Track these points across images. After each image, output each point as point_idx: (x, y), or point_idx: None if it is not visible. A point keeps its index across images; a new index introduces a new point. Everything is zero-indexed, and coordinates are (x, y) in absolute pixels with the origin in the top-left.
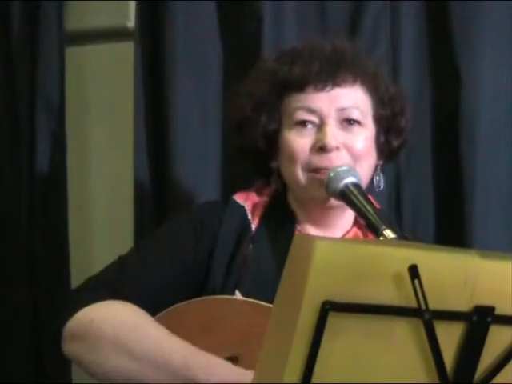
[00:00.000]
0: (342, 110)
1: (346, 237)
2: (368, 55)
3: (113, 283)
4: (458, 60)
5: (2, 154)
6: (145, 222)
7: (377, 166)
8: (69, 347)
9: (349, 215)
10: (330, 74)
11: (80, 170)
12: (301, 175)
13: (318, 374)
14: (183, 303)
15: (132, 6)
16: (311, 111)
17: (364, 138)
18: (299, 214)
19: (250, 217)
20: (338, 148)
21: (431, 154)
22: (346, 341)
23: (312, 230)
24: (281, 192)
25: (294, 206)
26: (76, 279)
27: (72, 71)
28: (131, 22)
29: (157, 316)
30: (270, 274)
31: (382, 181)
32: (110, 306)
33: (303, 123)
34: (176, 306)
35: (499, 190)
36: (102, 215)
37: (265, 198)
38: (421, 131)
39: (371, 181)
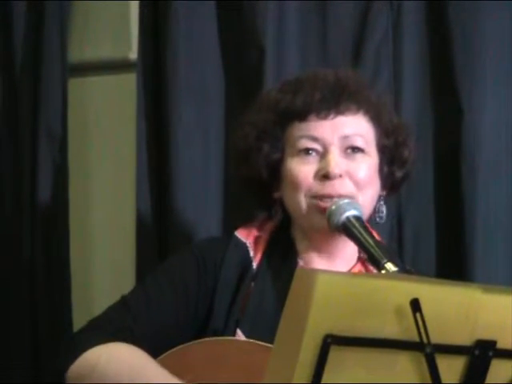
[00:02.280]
0: (345, 137)
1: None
2: (370, 84)
3: (116, 325)
4: (460, 91)
5: (3, 184)
6: (147, 253)
7: (380, 197)
8: None
9: (353, 249)
10: (333, 102)
11: (82, 201)
12: (303, 202)
13: None
14: (186, 344)
15: (134, 37)
16: (314, 139)
17: (367, 167)
18: (302, 245)
19: (251, 254)
20: (341, 176)
21: (432, 186)
22: (348, 374)
23: (316, 261)
24: (283, 226)
25: (296, 237)
26: (77, 308)
27: (74, 102)
28: (133, 54)
29: (160, 357)
30: (272, 311)
31: (384, 212)
32: (112, 349)
33: (306, 151)
34: (179, 347)
35: (500, 222)
36: (103, 246)
37: (267, 233)
38: (422, 162)
39: (374, 211)
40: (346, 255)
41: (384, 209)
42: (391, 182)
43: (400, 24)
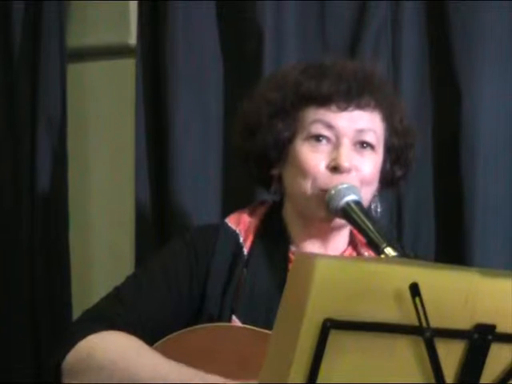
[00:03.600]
0: (359, 131)
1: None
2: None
3: (109, 315)
4: (459, 76)
5: (2, 171)
6: (146, 242)
7: (374, 196)
8: (69, 380)
9: (345, 234)
10: (356, 95)
11: (81, 188)
12: (309, 190)
13: None
14: (181, 331)
15: (133, 23)
16: (330, 127)
17: (374, 164)
18: (294, 229)
19: (241, 240)
20: (350, 170)
21: (432, 172)
22: (347, 358)
23: (308, 245)
24: (274, 209)
25: (289, 221)
26: (77, 300)
27: (73, 88)
28: (132, 39)
29: (155, 345)
30: (266, 296)
31: (378, 207)
32: (106, 338)
33: (318, 137)
34: (174, 334)
35: (499, 208)
36: (103, 232)
37: (258, 218)
38: (421, 147)
39: (368, 207)
40: (338, 241)
41: (379, 205)
42: (390, 180)
43: (399, 12)
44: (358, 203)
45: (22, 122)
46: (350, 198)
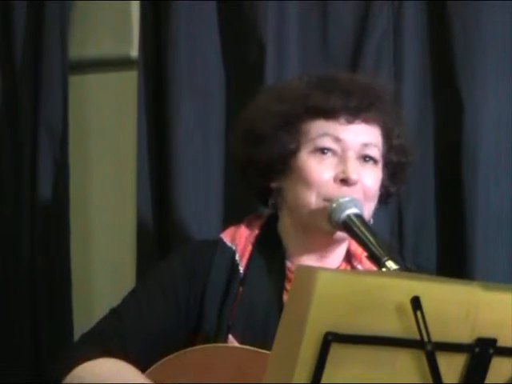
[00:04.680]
0: (364, 145)
1: None
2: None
3: (108, 338)
4: (461, 86)
5: (4, 181)
6: (147, 251)
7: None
8: None
9: (343, 249)
10: (364, 109)
11: (83, 199)
12: (313, 202)
13: None
14: (177, 353)
15: (135, 35)
16: (337, 140)
17: (376, 177)
18: (291, 242)
19: (237, 258)
20: (357, 182)
21: (433, 181)
22: (348, 371)
23: (304, 262)
24: (270, 223)
25: (285, 234)
26: (77, 308)
27: (75, 100)
28: (134, 51)
29: (152, 368)
30: (262, 313)
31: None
32: (100, 366)
33: (324, 150)
34: (171, 356)
35: (501, 217)
36: (104, 244)
37: (254, 233)
38: (422, 158)
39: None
40: (335, 255)
41: (372, 221)
42: (384, 196)
43: (401, 20)
44: (359, 216)
45: (24, 132)
46: (352, 211)
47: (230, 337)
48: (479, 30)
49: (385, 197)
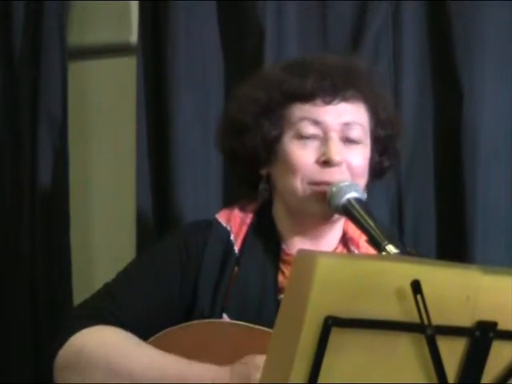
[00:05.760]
0: (345, 124)
1: None
2: (371, 71)
3: (100, 311)
4: (460, 75)
5: (3, 168)
6: (147, 240)
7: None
8: (61, 377)
9: (337, 231)
10: (340, 89)
11: (82, 185)
12: (299, 187)
13: None
14: (171, 328)
15: (134, 21)
16: (316, 123)
17: (363, 156)
18: (285, 227)
19: (232, 238)
20: (340, 163)
21: (433, 169)
22: (349, 356)
23: (298, 244)
24: (265, 206)
25: (279, 218)
26: (78, 297)
27: (74, 86)
28: (133, 38)
29: (147, 342)
30: (257, 294)
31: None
32: (99, 332)
33: (306, 134)
34: (164, 331)
35: (500, 205)
36: (104, 230)
37: (249, 215)
38: (422, 146)
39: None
40: (329, 238)
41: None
42: (378, 171)
43: (400, 10)
44: (359, 200)
45: (23, 120)
46: (351, 195)
47: (225, 316)
48: (478, 18)
49: (379, 172)
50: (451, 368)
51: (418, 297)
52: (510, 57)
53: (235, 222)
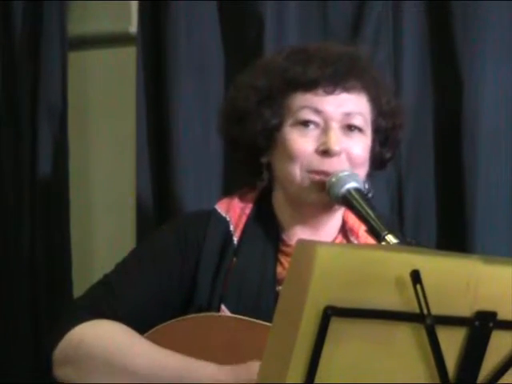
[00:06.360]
0: (346, 114)
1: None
2: (371, 59)
3: (99, 304)
4: (460, 63)
5: (3, 159)
6: (147, 229)
7: (366, 176)
8: (60, 371)
9: (337, 221)
10: (342, 78)
11: (82, 176)
12: (298, 175)
13: (319, 378)
14: (170, 322)
15: (134, 11)
16: (317, 112)
17: (363, 146)
18: (284, 215)
19: (231, 228)
20: (339, 153)
21: (433, 158)
22: (348, 346)
23: (298, 233)
24: (264, 195)
25: (278, 207)
26: (78, 284)
27: (74, 76)
28: (133, 27)
29: (144, 335)
30: (255, 284)
31: (370, 189)
32: (97, 326)
33: (307, 123)
34: (163, 324)
35: (501, 194)
36: (103, 221)
37: (249, 204)
38: (422, 135)
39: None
40: (329, 228)
41: (367, 185)
42: (378, 162)
43: None
44: (359, 190)
45: (23, 110)
46: (351, 185)
47: (223, 307)
48: (479, 4)
49: (380, 162)
50: (451, 358)
51: (418, 287)
52: (510, 45)
53: (234, 213)
